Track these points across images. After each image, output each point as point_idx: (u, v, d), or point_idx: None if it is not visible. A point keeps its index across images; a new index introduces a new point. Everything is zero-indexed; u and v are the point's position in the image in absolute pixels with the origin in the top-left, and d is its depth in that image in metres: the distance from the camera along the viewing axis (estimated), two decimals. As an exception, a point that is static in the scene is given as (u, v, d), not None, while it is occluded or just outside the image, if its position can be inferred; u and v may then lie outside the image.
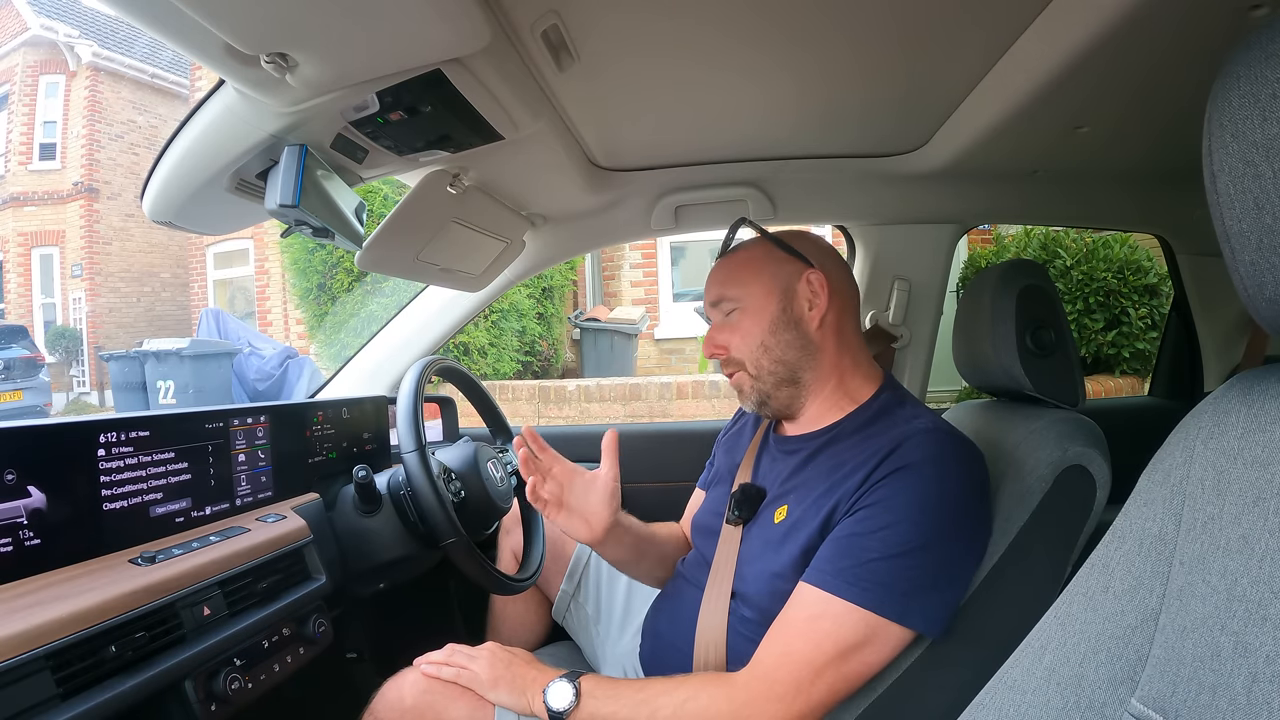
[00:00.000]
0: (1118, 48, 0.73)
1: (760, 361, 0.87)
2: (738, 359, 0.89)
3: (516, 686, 0.81)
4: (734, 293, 0.90)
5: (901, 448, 0.76)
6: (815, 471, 0.84)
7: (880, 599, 0.71)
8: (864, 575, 0.71)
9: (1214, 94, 0.39)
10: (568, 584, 1.20)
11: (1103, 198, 1.42)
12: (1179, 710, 0.40)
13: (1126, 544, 0.46)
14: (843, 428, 0.86)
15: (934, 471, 0.74)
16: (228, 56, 0.61)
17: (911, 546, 0.72)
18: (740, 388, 0.91)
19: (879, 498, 0.74)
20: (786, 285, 0.88)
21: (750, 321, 0.88)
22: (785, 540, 0.81)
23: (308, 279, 4.88)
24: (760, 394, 0.89)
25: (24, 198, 10.10)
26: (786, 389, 0.88)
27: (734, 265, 0.92)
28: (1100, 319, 3.59)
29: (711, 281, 0.93)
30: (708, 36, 0.80)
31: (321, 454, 1.12)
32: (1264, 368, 0.44)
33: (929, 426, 0.78)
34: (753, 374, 0.88)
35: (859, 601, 0.71)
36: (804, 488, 0.83)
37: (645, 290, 6.29)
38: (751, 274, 0.89)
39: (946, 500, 0.74)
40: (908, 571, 0.72)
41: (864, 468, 0.77)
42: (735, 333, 0.89)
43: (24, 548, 0.67)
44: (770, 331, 0.87)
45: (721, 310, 0.91)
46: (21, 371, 6.86)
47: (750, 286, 0.89)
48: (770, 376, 0.88)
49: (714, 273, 0.93)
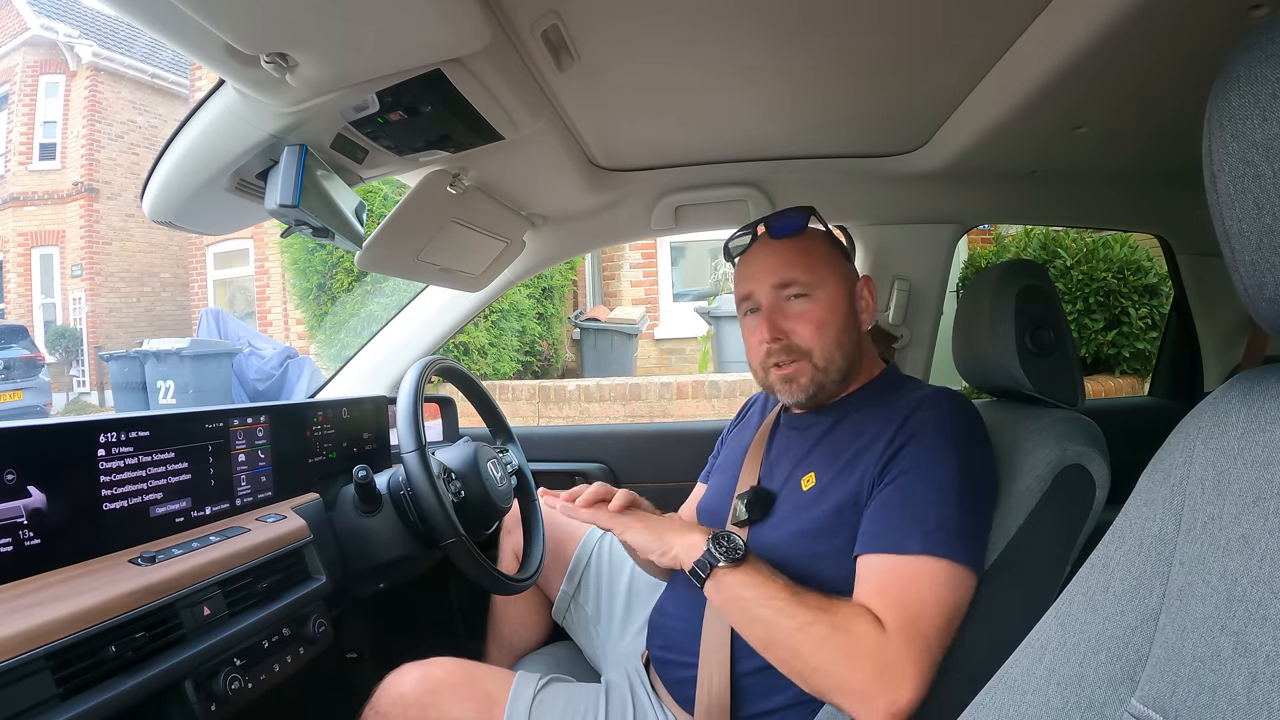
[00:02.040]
0: (1117, 48, 0.73)
1: (832, 354, 0.87)
2: (804, 349, 0.87)
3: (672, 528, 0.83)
4: (808, 279, 0.87)
5: (919, 411, 0.81)
6: (837, 440, 0.87)
7: (950, 545, 0.73)
8: (930, 527, 0.73)
9: (1214, 94, 0.39)
10: (568, 584, 1.20)
11: (1102, 198, 1.42)
12: (1179, 710, 0.40)
13: (1126, 544, 0.46)
14: (855, 400, 0.90)
15: (951, 423, 0.79)
16: (228, 56, 0.61)
17: (958, 492, 0.75)
18: (795, 378, 0.87)
19: (912, 463, 0.77)
20: (852, 285, 0.91)
21: (826, 313, 0.87)
22: (817, 502, 0.83)
23: (308, 279, 4.88)
24: (818, 385, 0.88)
25: (24, 198, 10.10)
26: (840, 384, 0.90)
27: (803, 251, 0.89)
28: (1100, 319, 3.58)
29: (778, 262, 0.88)
30: (708, 37, 0.80)
31: (321, 454, 1.12)
32: (1264, 368, 0.44)
33: (934, 391, 0.85)
34: (820, 366, 0.87)
35: (934, 551, 0.72)
36: (829, 456, 0.86)
37: (645, 290, 6.29)
38: (825, 266, 0.88)
39: (973, 444, 0.79)
40: (960, 515, 0.74)
41: (886, 432, 0.81)
42: (804, 321, 0.87)
43: (24, 548, 0.67)
44: (844, 328, 0.88)
45: (788, 293, 0.88)
46: (21, 371, 6.86)
47: (827, 279, 0.88)
48: (837, 371, 0.88)
49: (776, 255, 0.89)
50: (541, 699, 0.89)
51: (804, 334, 0.87)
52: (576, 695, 0.92)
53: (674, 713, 0.88)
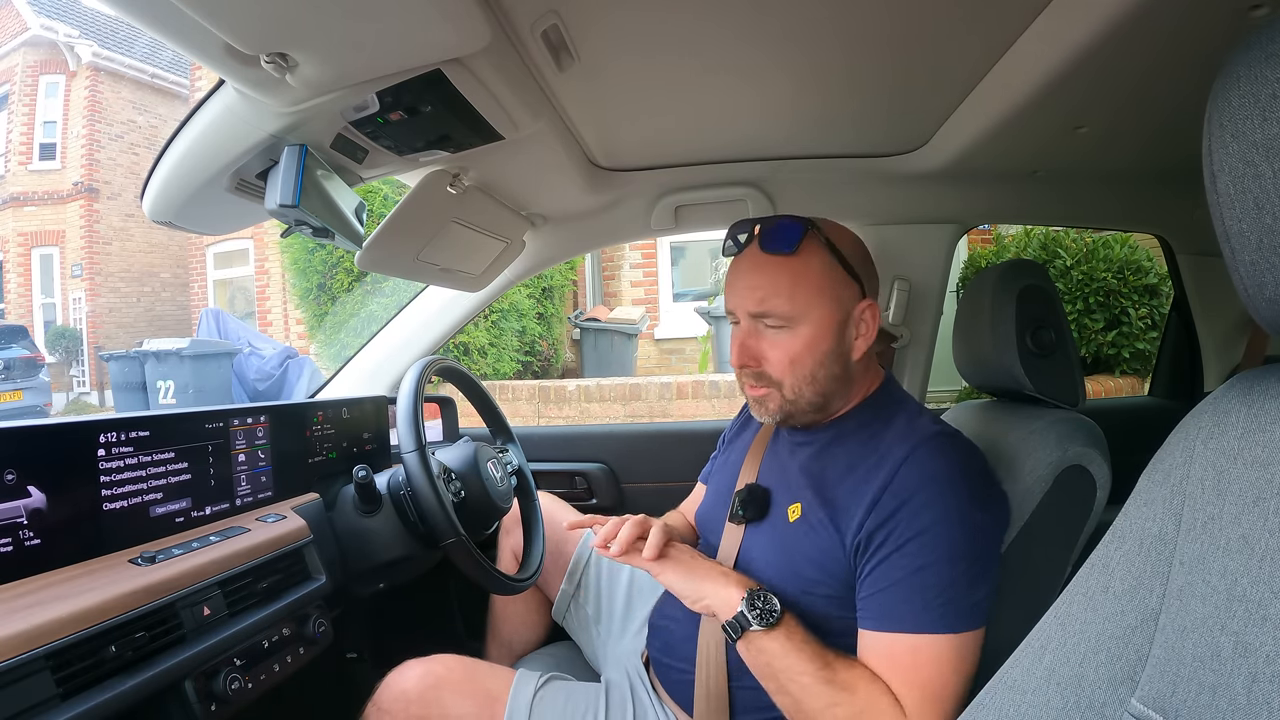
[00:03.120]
0: (1117, 48, 0.73)
1: (802, 390, 0.81)
2: (775, 379, 0.82)
3: (709, 576, 0.78)
4: (789, 310, 0.79)
5: (914, 465, 0.75)
6: (828, 471, 0.83)
7: (968, 618, 0.72)
8: (945, 604, 0.71)
9: (1214, 94, 0.39)
10: (568, 584, 1.20)
11: (1103, 198, 1.41)
12: (1179, 710, 0.40)
13: (1126, 544, 0.46)
14: (849, 421, 0.86)
15: (951, 483, 0.74)
16: (228, 56, 0.61)
17: (966, 559, 0.72)
18: (764, 402, 0.84)
19: (915, 531, 0.73)
20: (845, 314, 0.81)
21: (801, 347, 0.80)
22: (802, 539, 0.81)
23: (308, 279, 4.88)
24: (786, 413, 0.84)
25: (24, 198, 10.10)
26: (813, 413, 0.85)
27: (792, 275, 0.79)
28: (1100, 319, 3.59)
29: (758, 284, 0.80)
30: (708, 36, 0.80)
31: (321, 454, 1.12)
32: (1264, 368, 0.44)
33: (929, 437, 0.78)
34: (789, 397, 0.82)
35: (954, 629, 0.71)
36: (817, 486, 0.83)
37: (645, 290, 6.29)
38: (814, 293, 0.80)
39: (976, 505, 0.75)
40: (971, 582, 0.72)
41: (876, 477, 0.76)
42: (779, 350, 0.81)
43: (24, 548, 0.67)
44: (821, 364, 0.81)
45: (765, 322, 0.81)
46: (21, 371, 6.86)
47: (811, 310, 0.79)
48: (806, 404, 0.83)
49: (758, 273, 0.81)
50: (542, 697, 0.89)
51: (775, 365, 0.81)
52: (577, 693, 0.92)
53: (674, 712, 0.88)
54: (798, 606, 0.78)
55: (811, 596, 0.79)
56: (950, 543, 0.72)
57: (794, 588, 0.80)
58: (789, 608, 0.76)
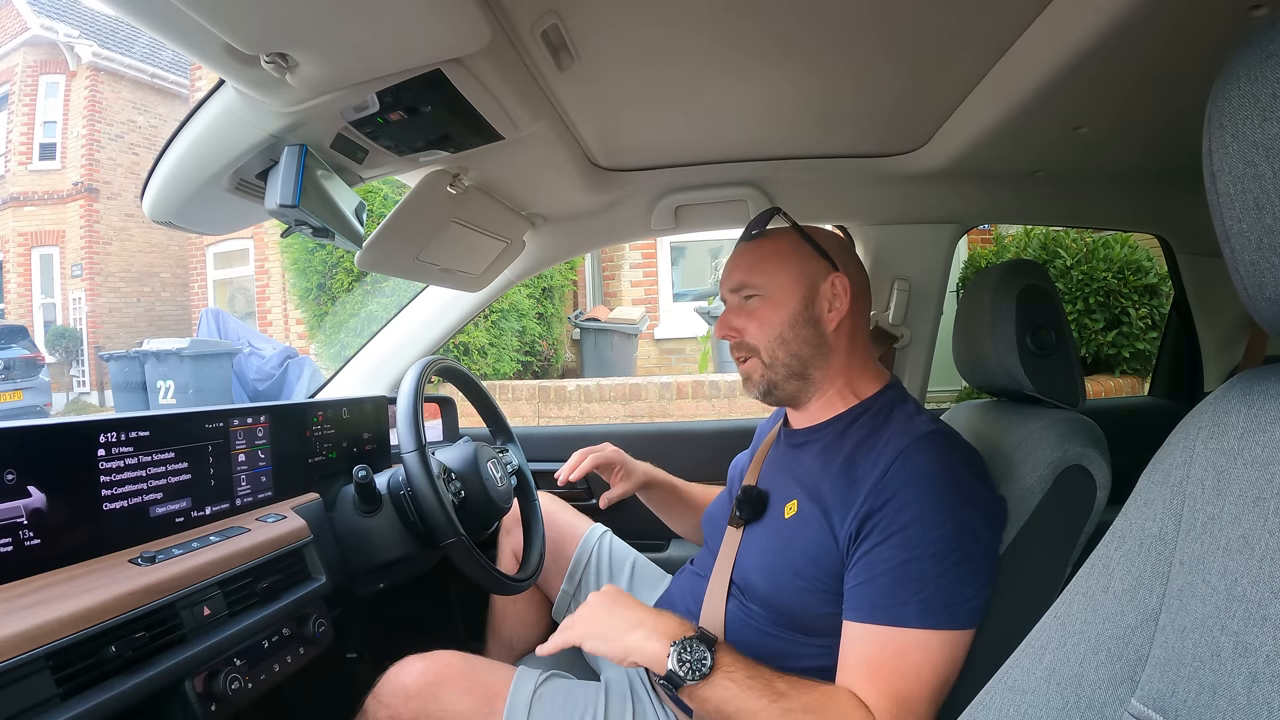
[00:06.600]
0: (1117, 48, 0.73)
1: (775, 352, 0.88)
2: (752, 345, 0.90)
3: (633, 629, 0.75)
4: (758, 281, 0.89)
5: (903, 462, 0.76)
6: (825, 470, 0.84)
7: (949, 615, 0.72)
8: (927, 598, 0.71)
9: (1214, 94, 0.39)
10: (568, 584, 1.20)
11: (1102, 198, 1.41)
12: (1179, 710, 0.40)
13: (1126, 544, 0.46)
14: (846, 420, 0.88)
15: (941, 479, 0.75)
16: (228, 56, 0.61)
17: (952, 556, 0.72)
18: (749, 375, 0.91)
19: (901, 524, 0.73)
20: (811, 283, 0.89)
21: (771, 311, 0.88)
22: (797, 534, 0.82)
23: (308, 279, 4.88)
24: (768, 382, 0.90)
25: (24, 198, 10.10)
26: (795, 382, 0.89)
27: (760, 254, 0.91)
28: (1100, 319, 3.59)
29: (735, 267, 0.92)
30: (708, 37, 0.80)
31: (321, 454, 1.12)
32: (1264, 368, 0.44)
33: (921, 436, 0.78)
34: (766, 362, 0.89)
35: (933, 625, 0.71)
36: (814, 482, 0.84)
37: (645, 290, 6.28)
38: (777, 265, 0.89)
39: (966, 501, 0.75)
40: (956, 580, 0.72)
41: (869, 475, 0.77)
42: (753, 319, 0.89)
43: (24, 548, 0.67)
44: (789, 325, 0.88)
45: (742, 296, 0.91)
46: (21, 371, 6.86)
47: (775, 278, 0.89)
48: (783, 368, 0.89)
49: (738, 258, 0.93)
50: (542, 694, 0.89)
51: (751, 330, 0.89)
52: (576, 691, 0.92)
53: (674, 711, 0.89)
54: (791, 601, 0.78)
55: (805, 591, 0.79)
56: (935, 539, 0.72)
57: (788, 582, 0.80)
58: (782, 603, 0.76)
